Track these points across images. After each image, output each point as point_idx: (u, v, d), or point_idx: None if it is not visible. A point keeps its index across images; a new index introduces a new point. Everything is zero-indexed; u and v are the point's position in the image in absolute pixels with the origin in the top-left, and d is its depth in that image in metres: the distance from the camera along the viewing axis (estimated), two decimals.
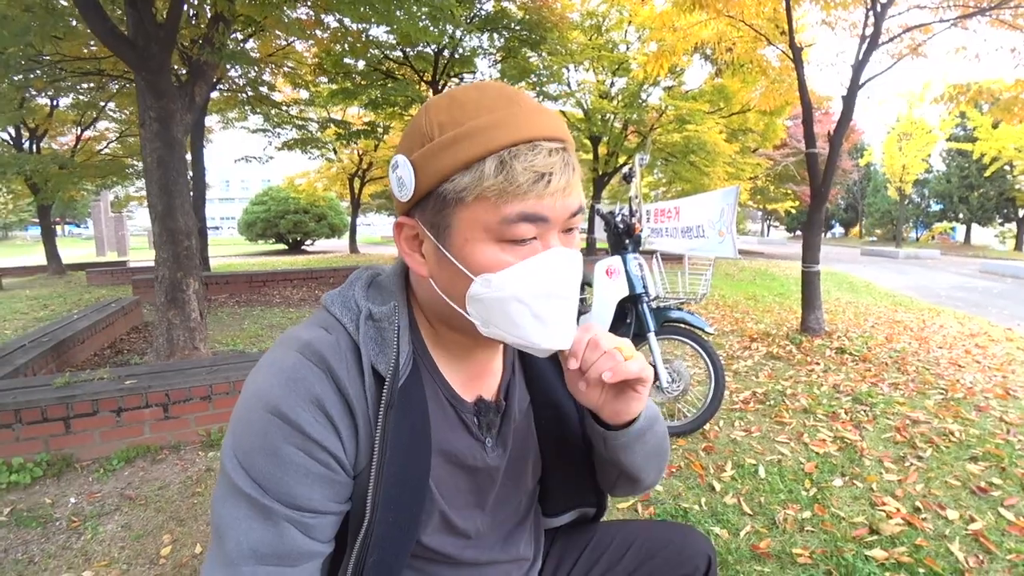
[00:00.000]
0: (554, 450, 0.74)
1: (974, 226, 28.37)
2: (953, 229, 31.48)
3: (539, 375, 0.74)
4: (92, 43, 5.99)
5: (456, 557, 0.67)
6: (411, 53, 9.41)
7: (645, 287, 2.66)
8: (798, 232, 36.23)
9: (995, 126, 16.36)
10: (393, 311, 0.61)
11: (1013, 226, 26.57)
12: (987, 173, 20.46)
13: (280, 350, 0.58)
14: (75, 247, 22.77)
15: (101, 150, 10.71)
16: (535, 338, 0.56)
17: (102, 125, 10.57)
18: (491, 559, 0.71)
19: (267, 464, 0.53)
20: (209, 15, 3.91)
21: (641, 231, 2.78)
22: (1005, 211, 26.16)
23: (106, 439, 2.36)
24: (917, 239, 32.26)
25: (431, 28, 5.30)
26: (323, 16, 6.49)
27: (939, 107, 5.39)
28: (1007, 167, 19.97)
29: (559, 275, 0.55)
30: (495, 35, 9.25)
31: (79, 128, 9.99)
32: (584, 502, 0.81)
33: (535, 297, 0.54)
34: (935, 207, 30.01)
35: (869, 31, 4.43)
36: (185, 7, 3.61)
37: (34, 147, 9.82)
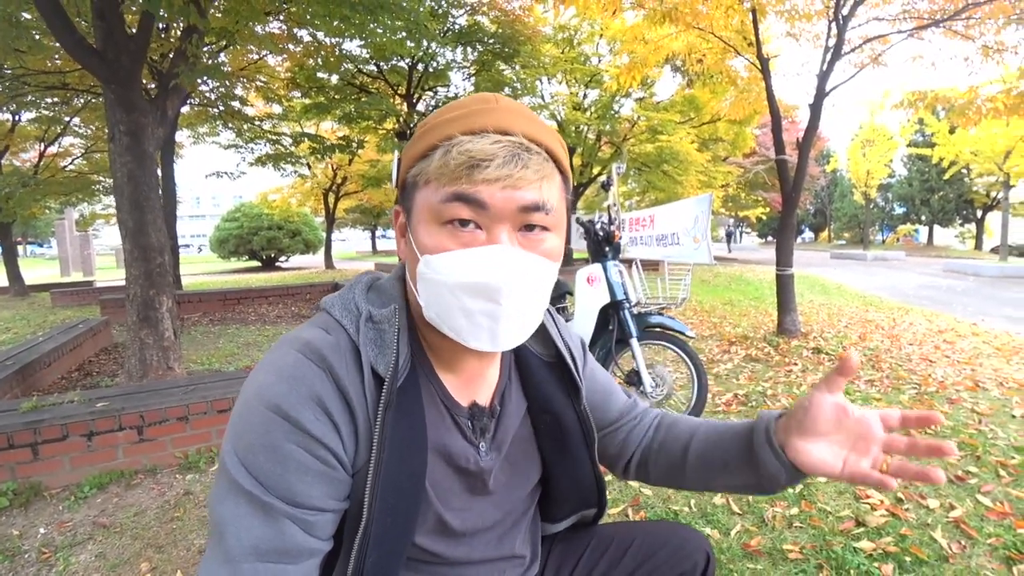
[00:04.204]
0: (555, 455, 0.75)
1: (936, 227, 29.46)
2: (916, 231, 32.64)
3: (536, 383, 0.74)
4: (57, 56, 5.84)
5: (449, 556, 0.68)
6: (385, 67, 9.42)
7: (626, 293, 2.69)
8: (770, 238, 37.10)
9: (952, 131, 17.07)
10: (393, 313, 0.62)
11: (972, 226, 27.67)
12: (946, 176, 21.31)
13: (280, 350, 0.58)
14: (38, 267, 21.95)
15: (66, 166, 10.39)
16: (464, 333, 0.57)
17: (67, 141, 10.27)
18: (484, 557, 0.71)
19: (268, 461, 0.53)
20: (182, 27, 3.86)
21: (620, 238, 2.82)
22: (964, 212, 27.27)
23: (76, 465, 2.26)
24: (883, 241, 33.34)
25: (408, 43, 5.31)
26: (296, 30, 6.47)
27: (899, 113, 5.60)
28: (964, 170, 20.84)
29: (487, 270, 0.53)
30: (469, 49, 9.33)
31: (42, 144, 9.69)
32: (586, 504, 0.81)
33: (463, 290, 0.54)
34: (899, 210, 31.09)
35: (832, 42, 4.59)
36: (155, 19, 3.54)
37: None
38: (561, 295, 3.16)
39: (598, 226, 2.77)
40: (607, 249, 2.74)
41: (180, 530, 1.92)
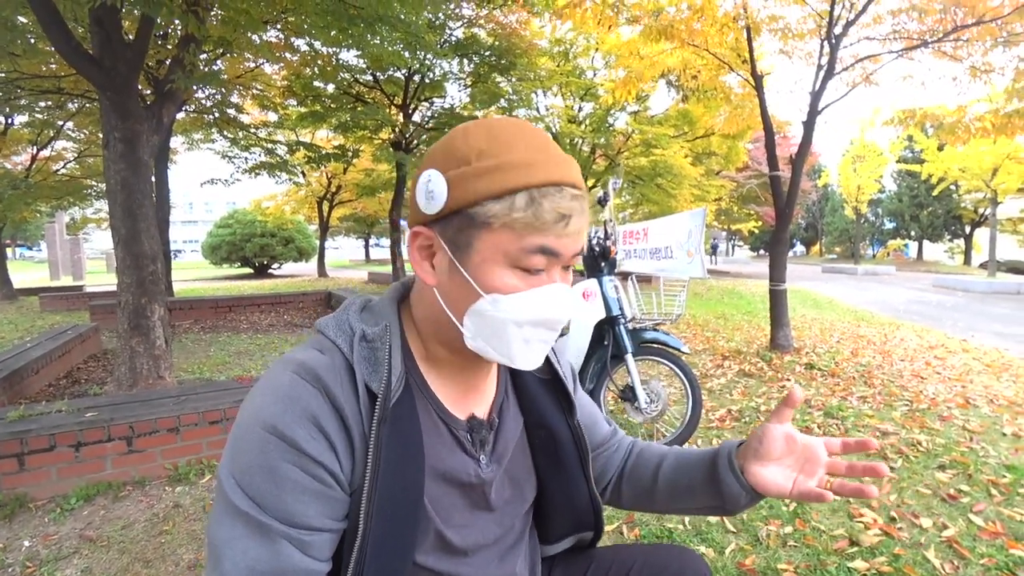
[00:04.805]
0: (550, 472, 0.76)
1: (925, 242, 29.82)
2: (906, 246, 32.98)
3: (532, 398, 0.76)
4: (52, 60, 5.82)
5: (452, 575, 0.67)
6: (382, 77, 9.45)
7: (621, 309, 2.69)
8: (762, 251, 37.39)
9: (940, 148, 17.31)
10: (385, 331, 0.64)
11: (961, 242, 28.03)
12: (935, 192, 21.57)
13: (275, 371, 0.59)
14: (27, 271, 21.71)
15: (58, 170, 10.32)
16: (517, 359, 0.61)
17: (59, 144, 10.20)
18: None
19: (264, 482, 0.53)
20: (180, 35, 3.86)
21: (616, 254, 2.83)
22: (953, 228, 27.63)
23: (63, 476, 2.22)
24: (874, 256, 33.64)
25: (406, 54, 5.34)
26: (293, 39, 6.49)
27: (889, 130, 5.69)
28: (953, 187, 21.13)
29: (557, 307, 0.60)
30: (466, 60, 9.38)
31: (35, 147, 9.63)
32: (582, 526, 0.81)
33: (531, 323, 0.59)
34: (889, 225, 31.45)
35: (824, 61, 4.67)
36: (153, 26, 3.54)
37: None
38: None
39: (594, 241, 2.78)
40: (603, 264, 2.75)
41: (169, 544, 1.89)
